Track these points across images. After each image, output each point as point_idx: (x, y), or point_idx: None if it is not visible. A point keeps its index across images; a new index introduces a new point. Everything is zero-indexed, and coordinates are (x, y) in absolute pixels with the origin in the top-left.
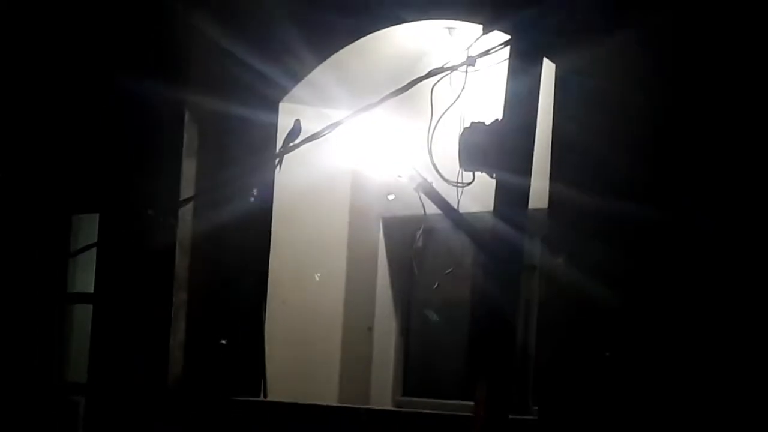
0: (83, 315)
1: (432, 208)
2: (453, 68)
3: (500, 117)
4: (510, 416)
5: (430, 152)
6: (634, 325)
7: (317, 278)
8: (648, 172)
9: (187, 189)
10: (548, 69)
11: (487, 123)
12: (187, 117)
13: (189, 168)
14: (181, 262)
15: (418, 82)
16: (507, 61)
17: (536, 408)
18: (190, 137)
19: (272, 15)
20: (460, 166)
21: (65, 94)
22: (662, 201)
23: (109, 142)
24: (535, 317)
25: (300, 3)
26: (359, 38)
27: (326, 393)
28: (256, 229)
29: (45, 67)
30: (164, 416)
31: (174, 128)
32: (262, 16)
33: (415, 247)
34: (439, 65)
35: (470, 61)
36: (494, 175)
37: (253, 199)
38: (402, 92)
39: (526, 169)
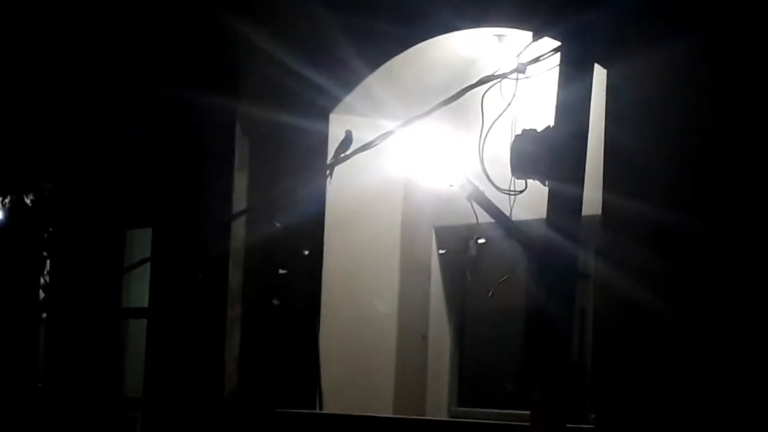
0: (138, 330)
1: (484, 217)
2: (503, 76)
3: (552, 124)
4: (567, 425)
5: (481, 160)
6: (689, 332)
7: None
8: (700, 180)
9: (239, 202)
10: (600, 76)
11: (539, 130)
12: (238, 129)
13: (241, 181)
14: (235, 275)
15: (469, 90)
16: (558, 68)
17: (593, 416)
18: (241, 149)
19: (323, 24)
20: (512, 174)
21: (118, 110)
22: (715, 210)
23: (162, 156)
24: (590, 325)
25: (351, 12)
26: (410, 47)
27: (381, 403)
28: (308, 240)
29: (99, 84)
30: (220, 430)
31: (226, 140)
32: (312, 25)
33: (468, 256)
34: (489, 73)
35: (521, 69)
36: (546, 183)
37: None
38: (453, 101)
39: (579, 177)
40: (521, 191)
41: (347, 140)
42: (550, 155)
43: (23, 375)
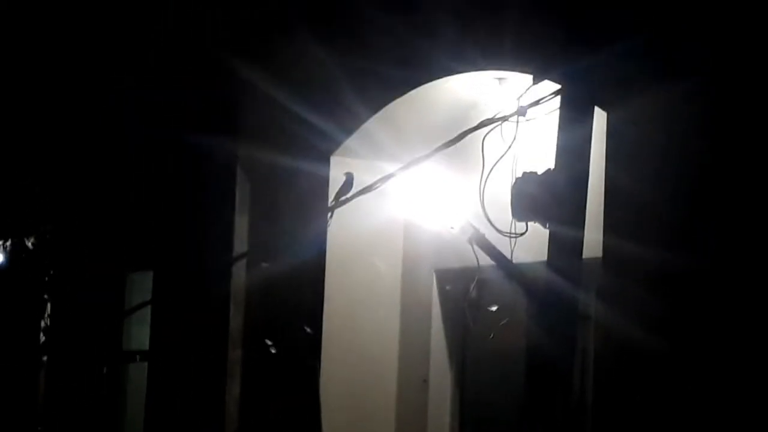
0: (139, 373)
1: (485, 259)
2: (504, 119)
3: (552, 167)
4: None
5: (482, 203)
6: (689, 373)
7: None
8: (701, 222)
9: (239, 244)
10: (600, 119)
11: (540, 173)
12: (239, 171)
13: (241, 223)
14: (235, 317)
15: (470, 133)
16: (558, 111)
17: None
18: (242, 192)
19: (324, 67)
20: (513, 216)
21: (120, 151)
22: (716, 252)
23: (162, 198)
24: (590, 367)
25: (352, 55)
26: (411, 90)
27: None
28: (309, 283)
29: (101, 123)
30: None
31: (226, 183)
32: (314, 68)
33: (468, 299)
34: (490, 115)
35: (521, 111)
36: (547, 226)
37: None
38: (453, 144)
39: (579, 220)
40: (522, 234)
41: (348, 183)
42: (550, 198)
43: (23, 418)
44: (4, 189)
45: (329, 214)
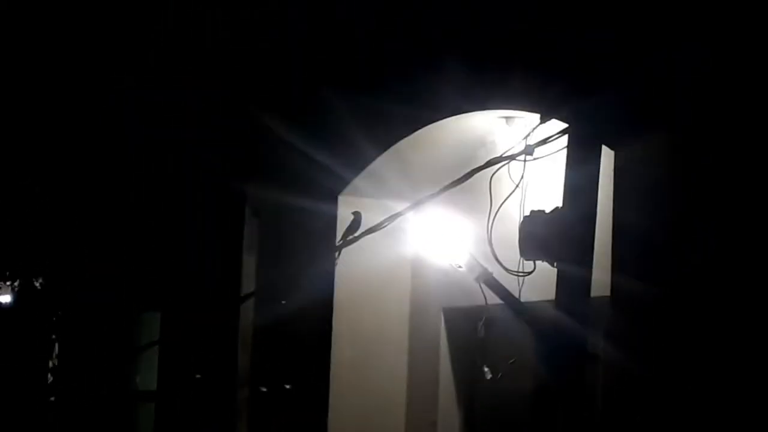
0: (148, 414)
1: (493, 298)
2: (511, 158)
3: (560, 206)
4: None
5: (490, 242)
6: (699, 413)
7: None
8: (710, 261)
9: (247, 283)
10: (607, 157)
11: (548, 212)
12: (247, 210)
13: (249, 262)
14: (243, 357)
15: (477, 172)
16: (566, 150)
17: None
18: (250, 231)
19: (332, 107)
20: (521, 255)
21: (129, 192)
22: (725, 290)
23: (171, 237)
24: (599, 408)
25: (360, 94)
26: (419, 129)
27: None
28: (317, 322)
29: (104, 164)
30: None
31: (234, 221)
32: (322, 107)
33: (476, 338)
34: (497, 154)
35: (528, 150)
36: (555, 265)
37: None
38: (461, 182)
39: (587, 259)
40: (530, 273)
41: (356, 222)
42: (558, 237)
43: None
44: (12, 230)
45: (337, 253)
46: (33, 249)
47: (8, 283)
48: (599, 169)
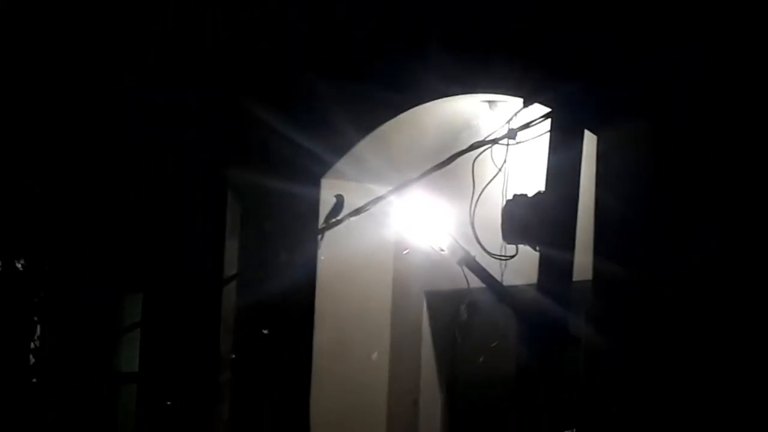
0: (130, 395)
1: (475, 282)
2: (494, 141)
3: (543, 189)
4: None
5: (472, 225)
6: (679, 396)
7: (373, 357)
8: (691, 245)
9: (230, 266)
10: (590, 142)
11: (530, 195)
12: (229, 193)
13: (232, 245)
14: (225, 340)
15: (460, 156)
16: (548, 134)
17: None
18: (233, 214)
19: (316, 90)
20: (503, 239)
21: (110, 175)
22: (707, 275)
23: (153, 220)
24: (580, 390)
25: (343, 78)
26: (401, 113)
27: None
28: (299, 305)
29: (87, 141)
30: None
31: (217, 206)
32: (305, 91)
33: (459, 321)
34: (480, 138)
35: (511, 134)
36: (537, 248)
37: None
38: (444, 166)
39: (569, 242)
40: (512, 256)
41: (338, 205)
42: (540, 220)
43: None
44: None
45: (320, 237)
46: (14, 230)
47: None
48: (582, 153)
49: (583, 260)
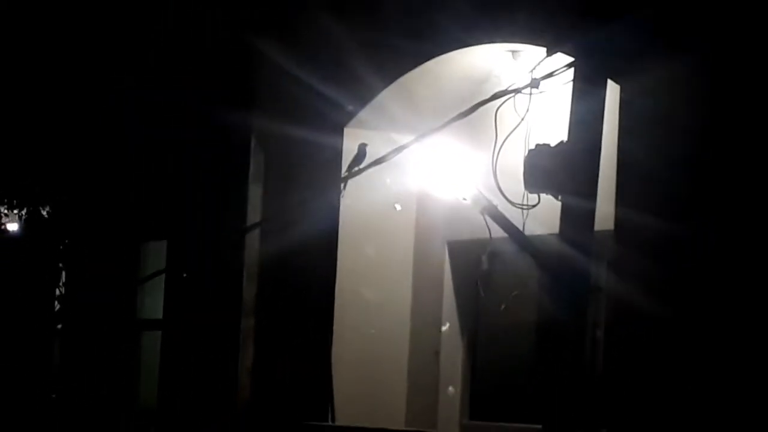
0: (153, 341)
1: (497, 231)
2: (517, 91)
3: (565, 139)
4: None
5: (494, 175)
6: (701, 345)
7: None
8: (714, 194)
9: (253, 214)
10: (613, 91)
11: (552, 145)
12: (253, 143)
13: (255, 194)
14: (248, 287)
15: (483, 105)
16: (571, 84)
17: (605, 430)
18: (256, 163)
19: (338, 40)
20: (525, 188)
21: (134, 124)
22: (728, 223)
23: (177, 169)
24: (601, 339)
25: (365, 27)
26: (424, 62)
27: (393, 417)
28: (322, 254)
29: (114, 96)
30: None
31: (240, 154)
32: (328, 41)
33: (481, 270)
34: (503, 88)
35: (534, 84)
36: (559, 198)
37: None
38: (466, 115)
39: (592, 191)
40: (534, 205)
41: (361, 154)
42: (563, 170)
43: (38, 385)
44: (19, 159)
45: (342, 186)
46: (40, 178)
47: (16, 211)
48: (604, 102)
49: (605, 209)
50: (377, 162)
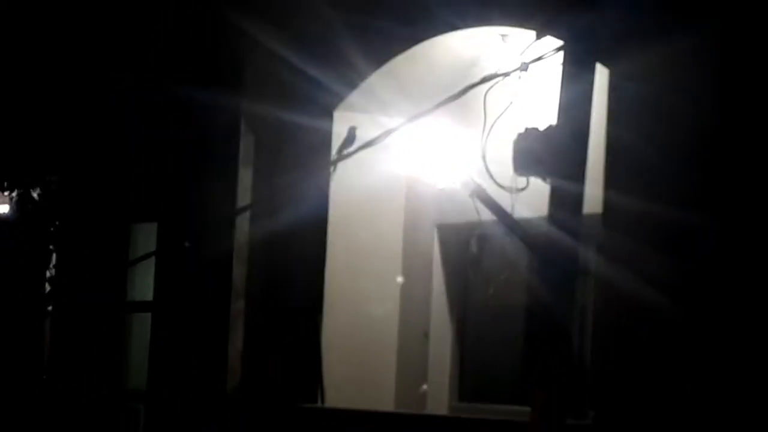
0: (143, 323)
1: (486, 214)
2: (506, 74)
3: (554, 123)
4: (566, 421)
5: (484, 158)
6: (689, 329)
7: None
8: (701, 178)
9: (243, 197)
10: (602, 75)
11: (541, 128)
12: (243, 126)
13: (245, 176)
14: (238, 270)
15: (472, 88)
16: (560, 67)
17: (592, 413)
18: (246, 146)
19: (328, 23)
20: (514, 171)
21: (123, 106)
22: (715, 207)
23: (167, 152)
24: (590, 322)
25: (356, 11)
26: (414, 45)
27: (383, 399)
28: (312, 237)
29: (103, 80)
30: (223, 423)
31: (230, 137)
32: (317, 24)
33: (470, 253)
34: (492, 71)
35: (523, 67)
36: (548, 181)
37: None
38: (456, 98)
39: (580, 175)
40: (523, 189)
41: (350, 137)
42: (552, 153)
43: (28, 367)
44: (10, 140)
45: (332, 168)
46: (30, 160)
47: (6, 193)
48: (593, 86)
49: (593, 193)
50: (367, 145)
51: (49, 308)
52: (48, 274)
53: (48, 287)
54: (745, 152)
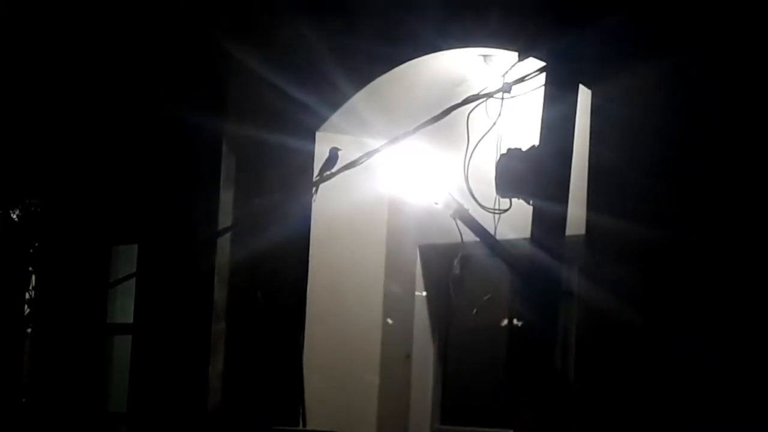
0: (124, 345)
1: (469, 235)
2: (489, 95)
3: (537, 143)
4: None
5: (466, 179)
6: (670, 348)
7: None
8: (683, 198)
9: (225, 218)
10: (584, 96)
11: (524, 149)
12: (225, 146)
13: (227, 197)
14: (220, 291)
15: (455, 109)
16: (543, 88)
17: None
18: (227, 166)
19: (310, 44)
20: (497, 192)
21: (105, 127)
22: (698, 227)
23: (148, 173)
24: (573, 343)
25: (338, 31)
26: (396, 66)
27: (365, 421)
28: (293, 258)
29: (86, 101)
30: None
31: (212, 158)
32: (300, 44)
33: (452, 274)
34: (475, 92)
35: (506, 88)
36: (531, 202)
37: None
38: (438, 119)
39: (563, 196)
40: (506, 210)
41: (333, 158)
42: (534, 174)
43: (8, 389)
44: None
45: (314, 189)
46: (10, 181)
47: None
48: (576, 107)
49: (576, 214)
50: (349, 166)
51: (29, 330)
52: (28, 295)
53: (27, 309)
54: (726, 171)
